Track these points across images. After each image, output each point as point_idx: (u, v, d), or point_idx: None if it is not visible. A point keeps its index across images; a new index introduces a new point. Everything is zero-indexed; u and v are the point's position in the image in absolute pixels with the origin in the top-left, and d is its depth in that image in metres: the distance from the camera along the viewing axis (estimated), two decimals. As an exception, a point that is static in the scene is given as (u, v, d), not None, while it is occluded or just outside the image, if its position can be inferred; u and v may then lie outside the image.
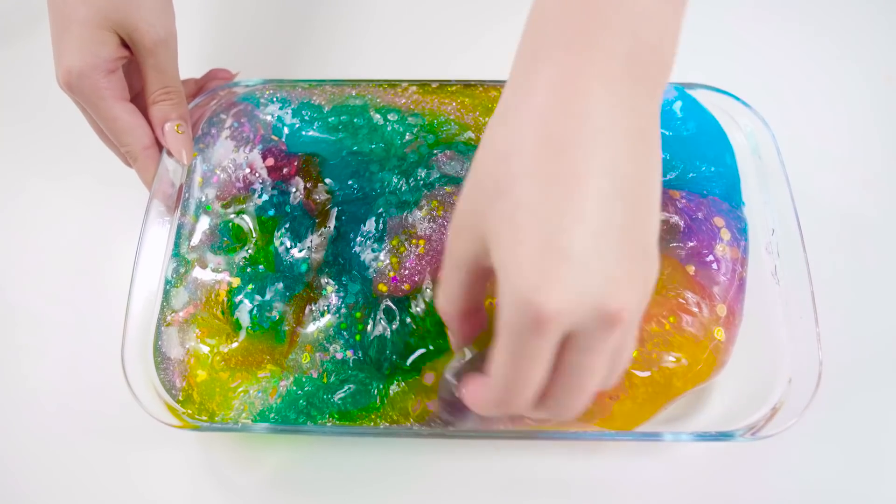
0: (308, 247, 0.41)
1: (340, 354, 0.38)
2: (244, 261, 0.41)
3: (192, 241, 0.41)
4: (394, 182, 0.42)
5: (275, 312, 0.39)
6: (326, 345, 0.38)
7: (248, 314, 0.39)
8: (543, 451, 0.39)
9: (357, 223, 0.41)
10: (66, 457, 0.40)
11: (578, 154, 0.25)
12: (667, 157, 0.42)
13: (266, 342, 0.38)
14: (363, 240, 0.40)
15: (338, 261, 0.40)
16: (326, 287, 0.39)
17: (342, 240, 0.41)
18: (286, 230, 0.41)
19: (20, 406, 0.42)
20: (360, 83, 0.46)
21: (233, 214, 0.42)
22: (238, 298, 0.39)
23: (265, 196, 0.42)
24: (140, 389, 0.36)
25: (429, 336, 0.38)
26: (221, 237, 0.41)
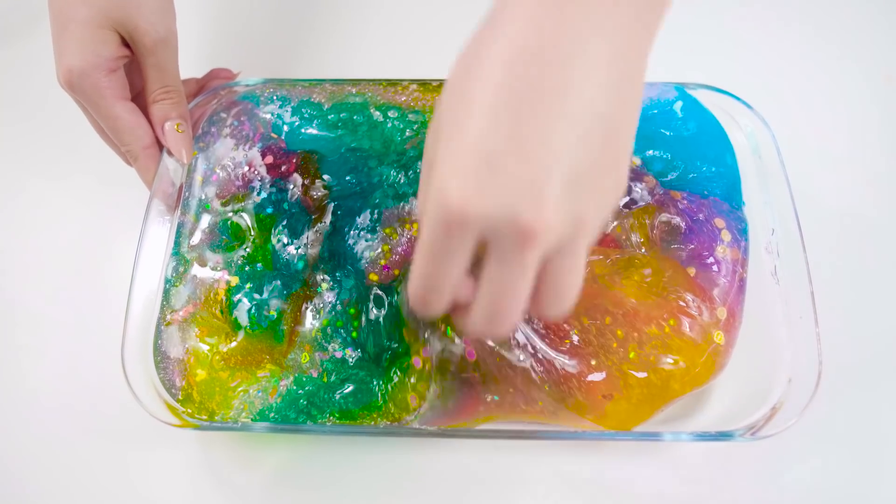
0: (305, 244, 0.41)
1: (339, 353, 0.38)
2: (242, 259, 0.40)
3: (192, 240, 0.41)
4: (392, 175, 0.42)
5: (273, 311, 0.39)
6: (325, 344, 0.38)
7: (247, 313, 0.39)
8: (544, 451, 0.39)
9: (353, 217, 0.41)
10: (66, 456, 0.40)
11: (547, 80, 0.25)
12: (668, 158, 0.42)
13: (265, 342, 0.38)
14: (357, 231, 0.40)
15: (333, 256, 0.40)
16: (322, 284, 0.39)
17: (337, 234, 0.41)
18: (283, 228, 0.41)
19: (20, 406, 0.42)
20: (361, 82, 0.46)
21: (231, 213, 0.42)
22: (237, 297, 0.39)
23: (263, 194, 0.42)
24: (140, 388, 0.36)
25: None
26: (220, 235, 0.41)
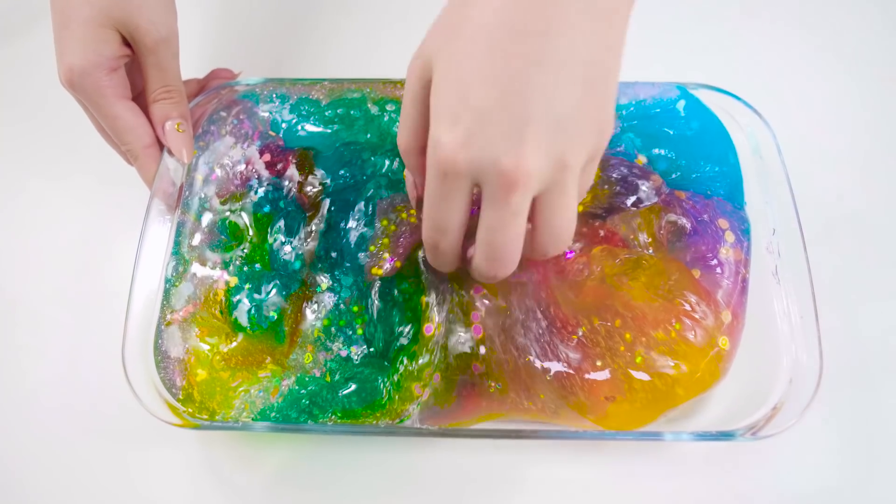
0: (300, 242, 0.40)
1: (344, 352, 0.38)
2: (241, 259, 0.40)
3: (192, 240, 0.41)
4: (386, 164, 0.42)
5: (272, 312, 0.39)
6: (329, 344, 0.38)
7: (246, 314, 0.39)
8: (544, 451, 0.39)
9: (347, 212, 0.41)
10: (66, 456, 0.40)
11: (531, 27, 0.25)
12: (671, 157, 0.42)
13: (266, 342, 0.38)
14: (352, 226, 0.40)
15: (330, 255, 0.40)
16: (321, 284, 0.39)
17: (333, 231, 0.41)
18: (280, 227, 0.41)
19: (20, 405, 0.42)
20: (360, 81, 0.45)
21: (229, 212, 0.42)
22: (236, 298, 0.39)
23: (261, 192, 0.42)
24: (140, 388, 0.36)
25: (423, 290, 0.38)
26: (219, 235, 0.41)
